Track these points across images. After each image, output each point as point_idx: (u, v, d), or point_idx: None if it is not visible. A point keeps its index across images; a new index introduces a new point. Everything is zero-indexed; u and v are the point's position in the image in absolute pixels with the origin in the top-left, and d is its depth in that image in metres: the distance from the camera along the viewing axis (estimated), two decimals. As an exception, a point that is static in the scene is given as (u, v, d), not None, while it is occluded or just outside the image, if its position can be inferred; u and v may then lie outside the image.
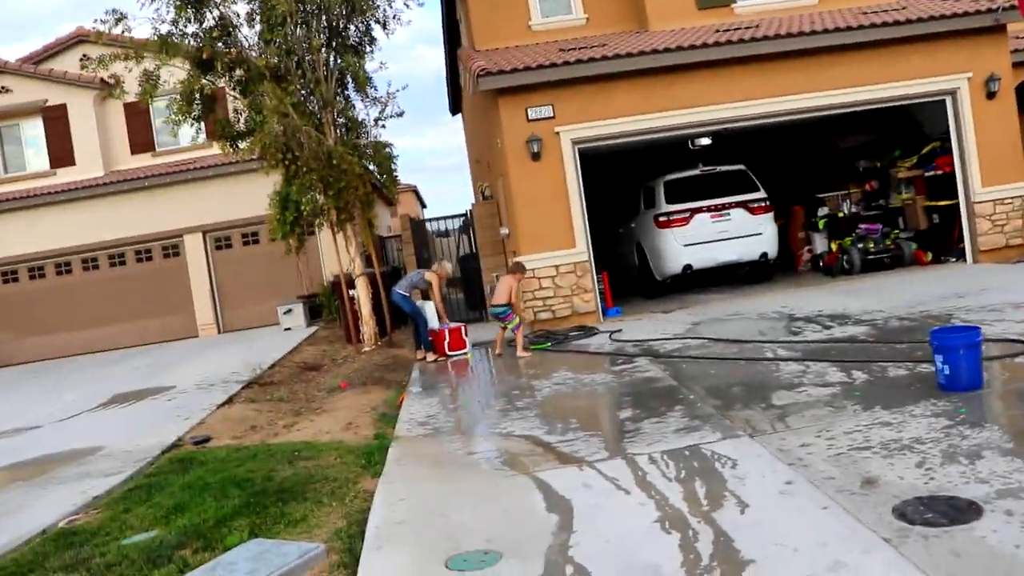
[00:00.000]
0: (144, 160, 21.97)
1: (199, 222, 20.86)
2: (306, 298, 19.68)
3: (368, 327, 13.86)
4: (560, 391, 8.83)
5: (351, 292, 14.26)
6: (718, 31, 14.15)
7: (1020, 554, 3.76)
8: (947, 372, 6.49)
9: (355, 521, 5.56)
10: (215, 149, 20.41)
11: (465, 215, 17.90)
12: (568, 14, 16.04)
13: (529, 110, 12.98)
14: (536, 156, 12.94)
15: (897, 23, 13.57)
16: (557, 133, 13.07)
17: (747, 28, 14.14)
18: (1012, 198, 13.84)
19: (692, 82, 13.36)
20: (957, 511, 4.30)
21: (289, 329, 18.89)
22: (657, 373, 8.80)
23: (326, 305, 19.14)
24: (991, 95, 13.96)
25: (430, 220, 17.59)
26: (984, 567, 3.71)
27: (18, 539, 6.16)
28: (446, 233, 18.37)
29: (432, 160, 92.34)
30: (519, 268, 11.61)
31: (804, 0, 15.78)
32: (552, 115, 13.02)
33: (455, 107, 27.58)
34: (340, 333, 16.49)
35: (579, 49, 13.72)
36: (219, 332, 20.94)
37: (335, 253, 18.12)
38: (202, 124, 16.02)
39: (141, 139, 22.09)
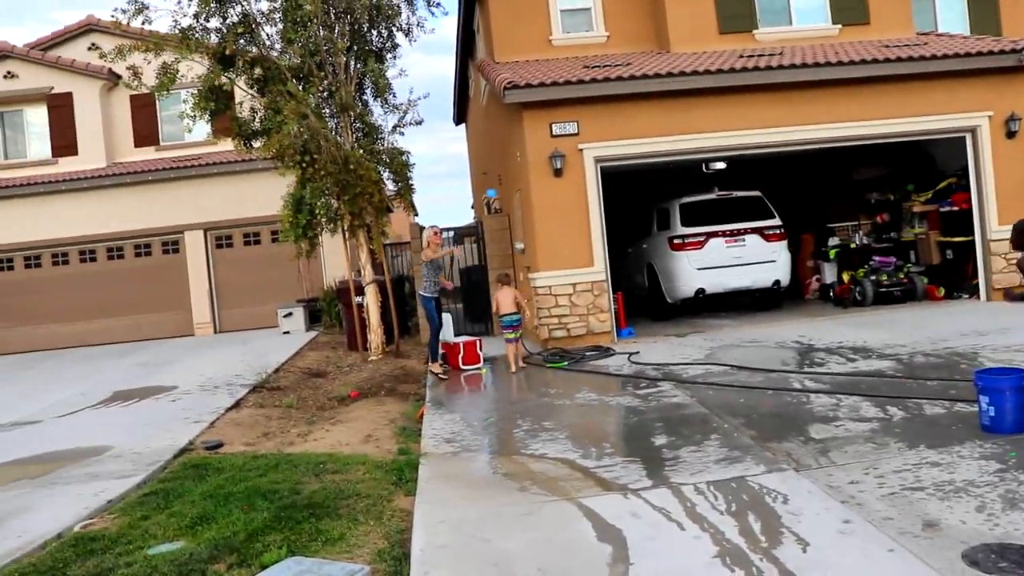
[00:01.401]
0: (148, 153, 21.78)
1: (201, 219, 20.68)
2: (306, 302, 19.53)
3: (376, 335, 13.72)
4: (587, 413, 8.71)
5: (358, 299, 14.10)
6: (741, 56, 14.14)
7: (1106, 611, 3.68)
8: (992, 414, 6.41)
9: (396, 542, 5.43)
10: (221, 146, 20.34)
11: (465, 227, 17.79)
12: (589, 30, 15.99)
13: (554, 125, 12.89)
14: (559, 172, 12.85)
15: (922, 58, 13.59)
16: (580, 150, 12.99)
17: (770, 55, 14.12)
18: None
19: (713, 106, 13.32)
20: (1031, 561, 4.22)
21: (288, 333, 18.73)
22: (684, 399, 8.69)
23: (327, 311, 18.99)
24: (1011, 134, 13.99)
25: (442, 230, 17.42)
26: (1072, 623, 3.63)
27: (32, 543, 5.99)
28: (452, 242, 18.21)
29: (423, 167, 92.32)
30: (510, 279, 12.11)
31: (825, 30, 15.79)
32: (577, 132, 12.94)
33: (460, 117, 27.51)
34: (341, 339, 16.33)
35: (604, 67, 13.66)
36: (215, 332, 20.74)
37: (337, 258, 18.03)
38: (211, 121, 15.78)
39: (146, 132, 21.89)
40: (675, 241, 14.56)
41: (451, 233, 17.68)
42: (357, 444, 8.29)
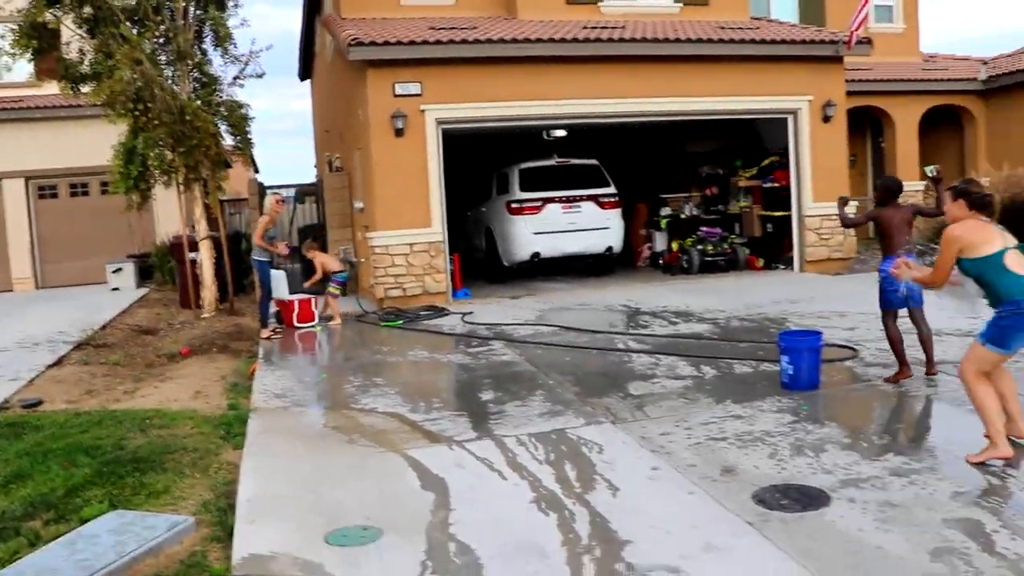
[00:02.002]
0: (-40, 93, 20.29)
1: (21, 167, 19.39)
2: (137, 258, 18.81)
3: (209, 292, 13.42)
4: (419, 370, 8.89)
5: (192, 255, 13.74)
6: (586, 27, 14.46)
7: (864, 536, 4.17)
8: (791, 372, 6.98)
9: (222, 494, 5.44)
10: (45, 89, 19.15)
11: (307, 185, 17.55)
12: (439, -8, 15.98)
13: (397, 85, 12.85)
14: (400, 132, 12.85)
15: (752, 42, 14.31)
16: (423, 111, 13.02)
17: (615, 28, 14.51)
18: (837, 215, 14.84)
19: (557, 75, 13.60)
20: (809, 498, 4.68)
21: (117, 289, 18.00)
22: (513, 357, 8.99)
23: (159, 267, 18.35)
24: (827, 119, 14.94)
25: (276, 187, 17.10)
26: (835, 547, 4.09)
27: None
28: (291, 200, 17.90)
29: (266, 123, 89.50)
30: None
31: (666, 8, 16.33)
32: (420, 92, 12.95)
33: (305, 72, 26.92)
34: (174, 296, 15.85)
35: (451, 29, 13.72)
36: (37, 287, 19.65)
37: (170, 213, 17.43)
38: (33, 61, 14.79)
39: (-42, 70, 20.40)
40: (513, 205, 14.86)
41: (292, 191, 17.37)
42: (186, 400, 8.14)
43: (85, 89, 13.42)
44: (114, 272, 18.20)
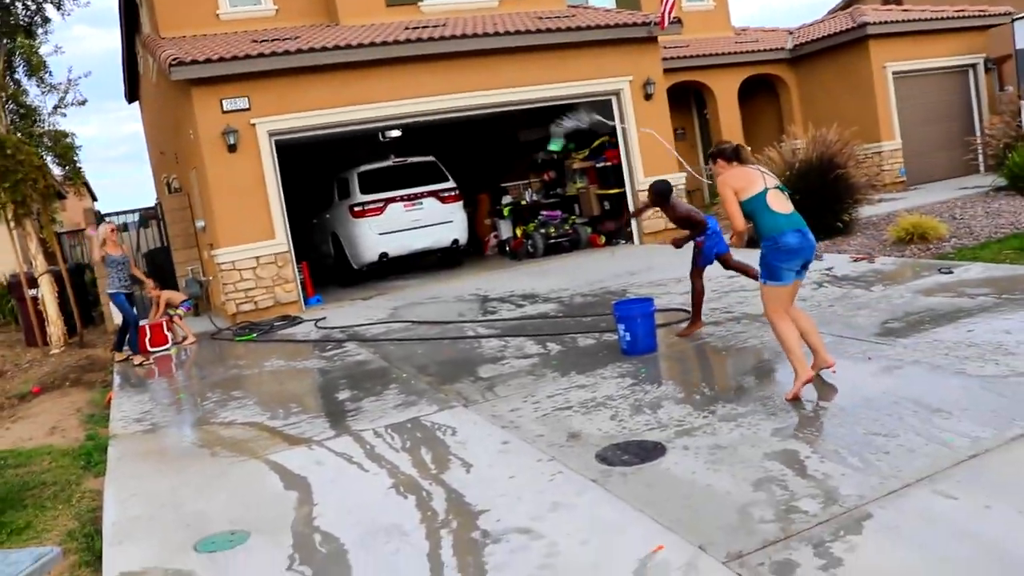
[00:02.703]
0: None
1: None
2: (-29, 301, 17.94)
3: (56, 328, 12.99)
4: (275, 378, 8.95)
5: (32, 291, 13.27)
6: (407, 28, 14.68)
7: (695, 479, 4.58)
8: (628, 339, 7.43)
9: (87, 521, 5.45)
10: None
11: (149, 209, 17.13)
12: (257, 5, 15.83)
13: (224, 101, 12.74)
14: (232, 148, 12.75)
15: (569, 29, 14.86)
16: (253, 125, 12.95)
17: (435, 27, 14.78)
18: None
19: (383, 77, 13.77)
20: (646, 451, 5.08)
21: (-49, 335, 17.13)
22: (367, 356, 9.17)
23: (-2, 307, 17.59)
24: (648, 96, 15.67)
25: (117, 214, 16.63)
26: (670, 491, 4.47)
27: None
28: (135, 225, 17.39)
29: (98, 150, 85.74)
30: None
31: (485, 2, 16.72)
32: (248, 107, 12.88)
33: (132, 95, 26.07)
34: (19, 336, 15.26)
35: (273, 41, 13.67)
36: None
37: (4, 251, 16.71)
38: None
39: None
40: (355, 209, 14.97)
41: (136, 215, 16.87)
42: (42, 437, 7.99)
43: None
44: (-53, 318, 17.32)
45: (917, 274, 9.37)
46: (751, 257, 6.98)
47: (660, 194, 8.14)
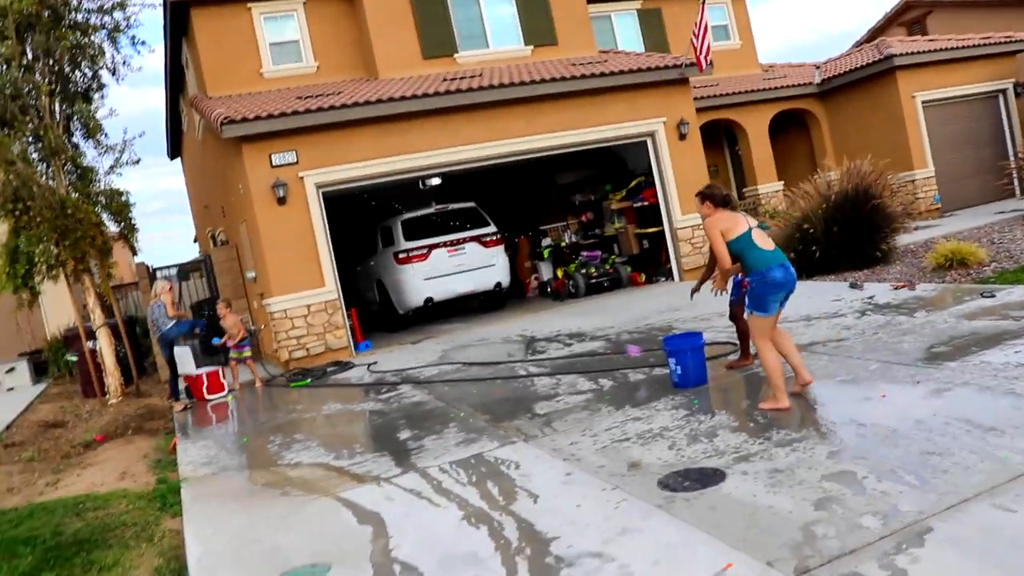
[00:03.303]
0: None
1: None
2: (30, 354, 18.50)
3: (114, 379, 13.40)
4: (334, 421, 9.22)
5: (90, 344, 13.71)
6: (445, 79, 15.14)
7: (756, 500, 4.75)
8: (679, 372, 7.63)
9: (171, 558, 5.70)
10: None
11: (189, 263, 17.68)
12: (299, 62, 16.42)
13: (273, 156, 13.22)
14: (282, 200, 13.21)
15: (602, 75, 15.22)
16: (301, 178, 13.41)
17: (472, 77, 15.23)
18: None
19: (424, 128, 14.21)
20: (706, 477, 5.26)
21: (12, 389, 17.63)
22: (423, 397, 9.43)
23: (54, 361, 18.11)
24: (682, 136, 15.98)
25: (159, 268, 17.20)
26: (733, 513, 4.64)
27: None
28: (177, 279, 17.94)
29: (139, 205, 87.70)
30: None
31: (518, 51, 17.17)
32: (296, 160, 13.35)
33: (174, 151, 26.88)
34: (75, 388, 15.70)
35: (317, 97, 14.17)
36: (-79, 400, 19.06)
37: (58, 306, 17.28)
38: None
39: None
40: (400, 255, 15.35)
41: (174, 270, 17.39)
42: (113, 482, 8.26)
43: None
44: (7, 372, 17.83)
45: (959, 299, 9.51)
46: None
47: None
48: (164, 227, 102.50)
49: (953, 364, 6.79)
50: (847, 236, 12.75)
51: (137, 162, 13.70)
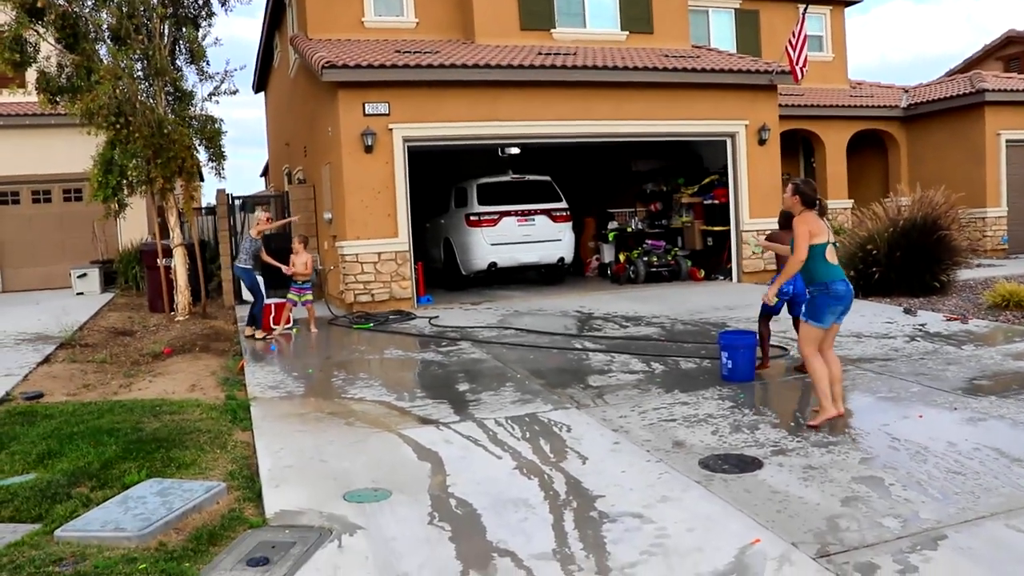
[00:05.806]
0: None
1: (-19, 173, 19.83)
2: (101, 264, 19.33)
3: (183, 297, 14.08)
4: (397, 366, 9.76)
5: (165, 261, 14.38)
6: (540, 53, 15.50)
7: (789, 490, 5.15)
8: (730, 366, 8.04)
9: (243, 466, 6.23)
10: (6, 97, 19.61)
11: (256, 195, 18.24)
12: (400, 15, 16.86)
13: (367, 105, 13.76)
14: (369, 149, 13.74)
15: (694, 70, 15.50)
16: (390, 129, 13.93)
17: (566, 55, 15.57)
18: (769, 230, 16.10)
19: (514, 98, 14.62)
20: (745, 463, 5.68)
21: (82, 294, 18.50)
22: (481, 355, 9.93)
23: (122, 272, 18.91)
24: (762, 142, 16.21)
25: (243, 197, 17.86)
26: (766, 497, 5.06)
27: None
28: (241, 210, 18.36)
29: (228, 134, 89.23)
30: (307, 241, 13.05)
31: (614, 35, 17.45)
32: (388, 112, 13.87)
33: (260, 85, 27.54)
34: (140, 302, 16.45)
35: (415, 54, 14.63)
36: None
37: (134, 221, 18.05)
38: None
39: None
40: (471, 218, 15.83)
41: (239, 202, 17.86)
42: (183, 392, 8.83)
43: (61, 102, 13.99)
44: (79, 277, 18.69)
45: (1009, 339, 9.74)
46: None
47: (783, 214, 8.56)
48: (233, 157, 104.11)
49: (992, 398, 7.10)
50: (908, 262, 12.96)
51: (235, 92, 14.29)
